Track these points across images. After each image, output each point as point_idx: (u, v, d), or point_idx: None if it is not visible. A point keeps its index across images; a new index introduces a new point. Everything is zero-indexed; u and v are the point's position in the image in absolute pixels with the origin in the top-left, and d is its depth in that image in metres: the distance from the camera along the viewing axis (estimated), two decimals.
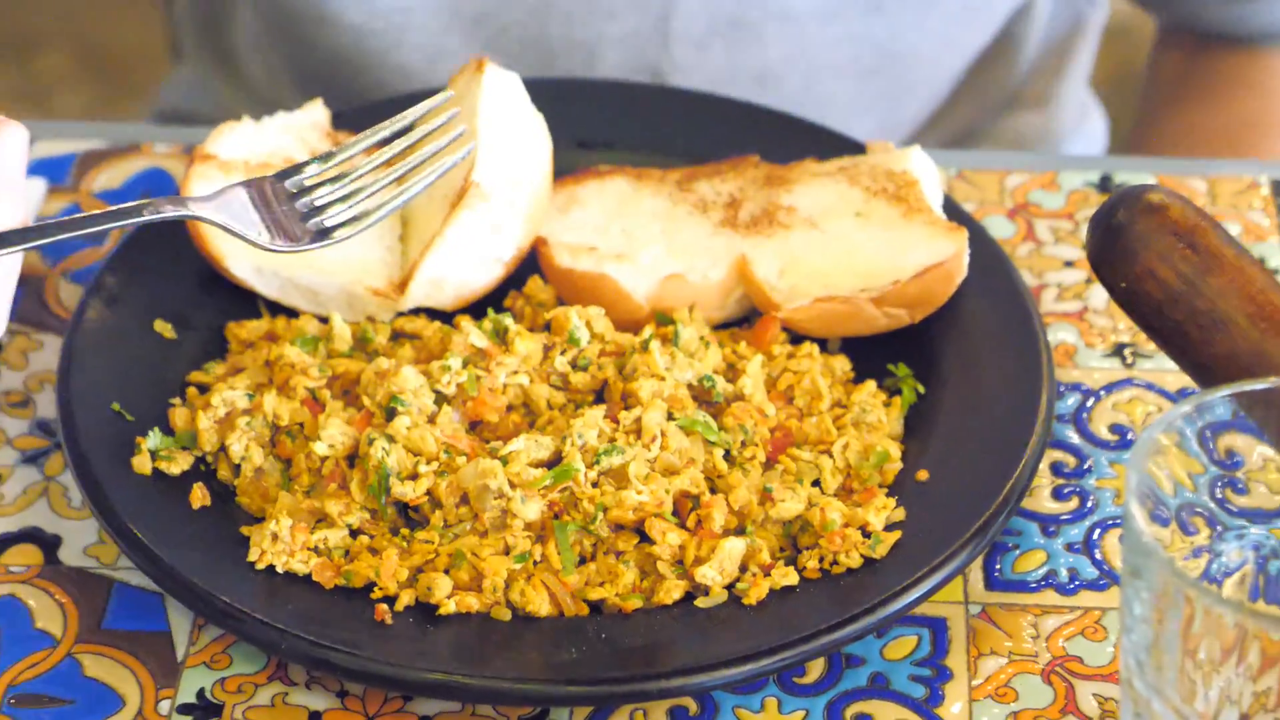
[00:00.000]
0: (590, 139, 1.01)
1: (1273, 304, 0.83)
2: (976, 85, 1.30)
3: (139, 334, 0.93)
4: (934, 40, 1.20)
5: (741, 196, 0.96)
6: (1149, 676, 0.70)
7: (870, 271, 0.92)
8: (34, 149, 1.06)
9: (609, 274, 0.93)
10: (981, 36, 1.26)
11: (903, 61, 1.20)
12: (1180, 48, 1.29)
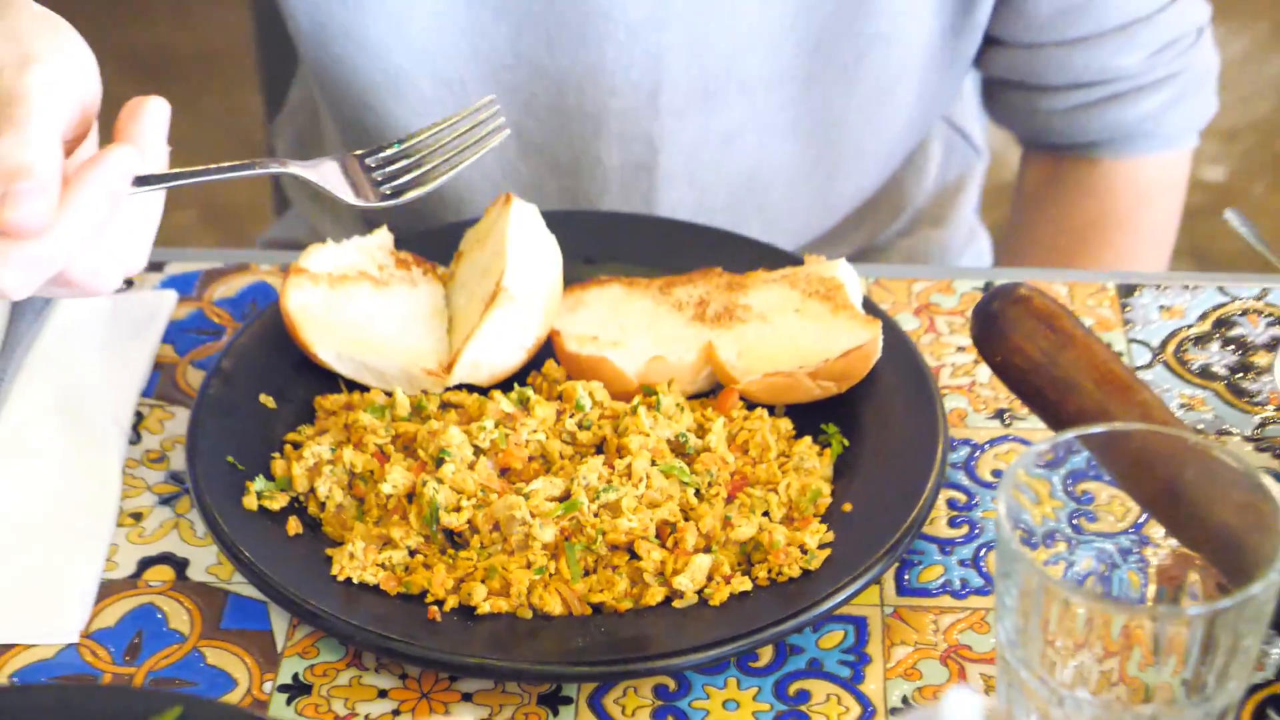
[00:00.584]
0: (592, 256, 1.03)
1: (1113, 372, 0.86)
2: (888, 201, 1.30)
3: (248, 405, 0.95)
4: (856, 114, 1.18)
5: (708, 298, 0.99)
6: (1018, 654, 0.73)
7: (807, 353, 0.94)
8: (167, 269, 1.12)
9: (607, 357, 0.95)
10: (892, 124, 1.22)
11: (835, 128, 1.19)
12: (1039, 161, 1.28)
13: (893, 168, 1.28)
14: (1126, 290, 1.06)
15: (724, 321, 0.97)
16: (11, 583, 0.90)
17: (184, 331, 1.04)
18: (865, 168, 1.24)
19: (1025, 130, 1.28)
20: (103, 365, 1.03)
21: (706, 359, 0.95)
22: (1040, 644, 0.72)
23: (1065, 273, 1.09)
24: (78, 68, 0.78)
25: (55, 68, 0.76)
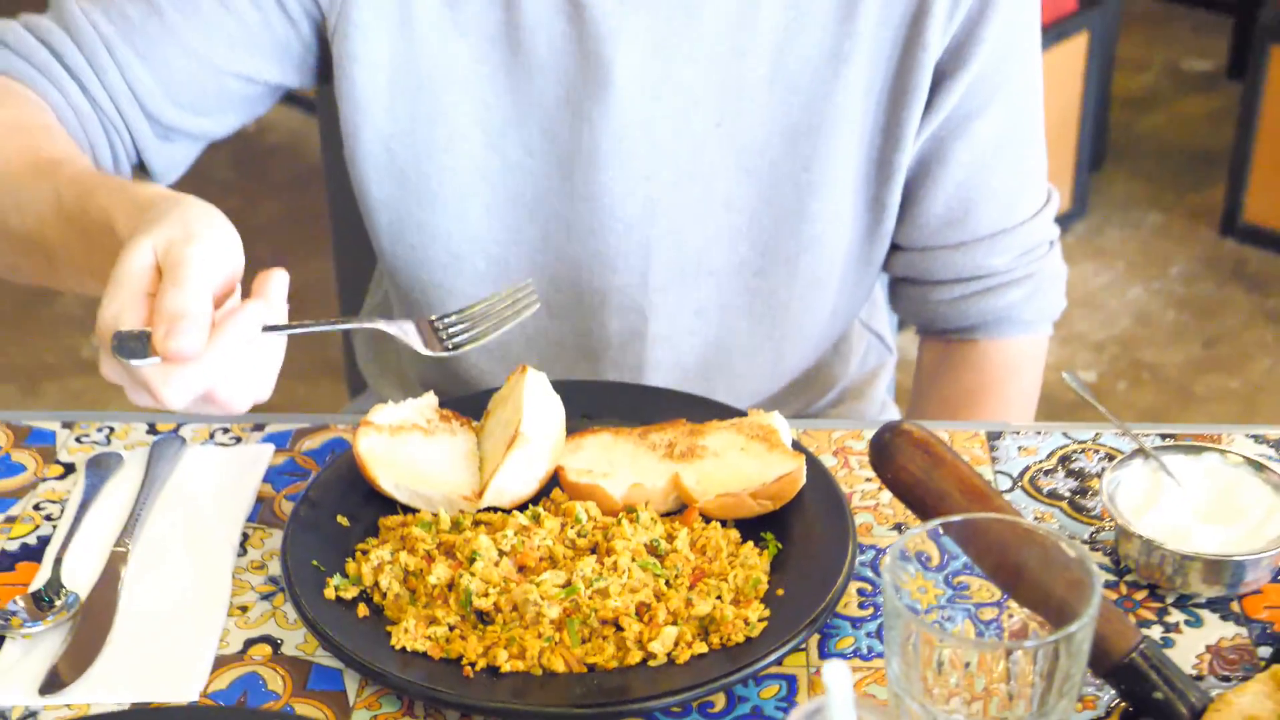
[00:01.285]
0: (590, 413, 1.04)
1: (974, 485, 0.87)
2: (821, 378, 1.29)
3: (328, 524, 0.96)
4: (796, 301, 1.17)
5: (675, 441, 1.00)
6: (903, 686, 0.74)
7: (749, 479, 0.96)
8: (268, 428, 1.09)
9: (599, 484, 0.96)
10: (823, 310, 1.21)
11: (780, 311, 1.17)
12: (931, 344, 1.27)
13: (823, 349, 1.26)
14: (994, 435, 1.07)
15: (687, 458, 0.99)
16: (150, 656, 0.90)
17: (279, 474, 1.05)
18: (803, 347, 1.23)
19: (921, 318, 1.26)
20: (218, 498, 1.03)
21: (674, 485, 0.97)
22: (919, 679, 0.73)
23: (946, 423, 1.10)
24: (227, 244, 0.81)
25: (210, 243, 0.80)
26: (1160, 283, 2.81)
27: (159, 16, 1.09)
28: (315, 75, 1.16)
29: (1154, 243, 2.92)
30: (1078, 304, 2.74)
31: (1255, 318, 2.71)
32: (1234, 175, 2.90)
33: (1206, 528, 0.93)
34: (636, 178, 1.13)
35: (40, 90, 1.08)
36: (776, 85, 1.11)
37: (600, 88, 1.10)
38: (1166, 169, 3.13)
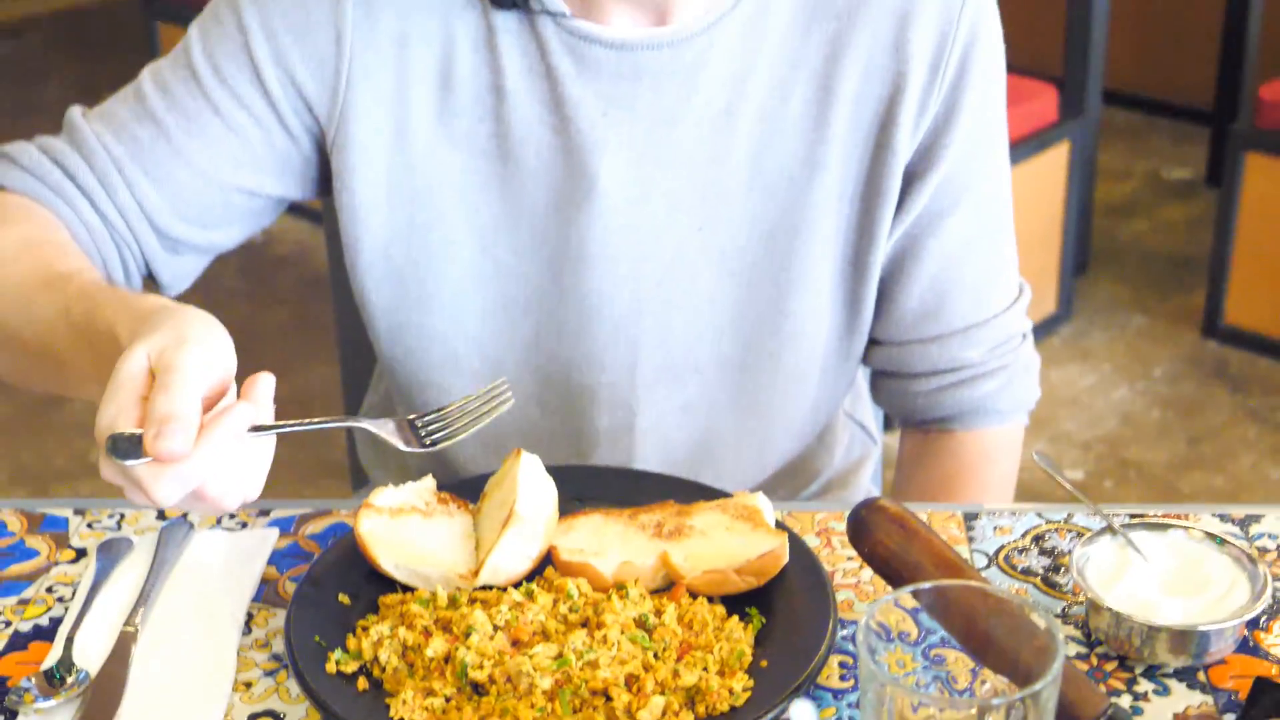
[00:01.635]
0: (582, 497, 1.05)
1: (946, 557, 0.90)
2: (805, 468, 1.29)
3: (330, 603, 0.97)
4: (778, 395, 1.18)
5: (664, 522, 1.01)
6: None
7: (734, 556, 0.97)
8: (273, 513, 1.10)
9: (590, 563, 0.97)
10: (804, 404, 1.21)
11: (763, 405, 1.18)
12: (911, 435, 1.28)
13: (807, 440, 1.27)
14: (970, 516, 1.09)
15: (674, 537, 1.00)
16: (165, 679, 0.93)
17: (284, 557, 1.06)
18: (787, 438, 1.24)
19: (900, 410, 1.28)
20: (224, 580, 1.04)
21: (662, 563, 0.97)
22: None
23: (926, 505, 1.11)
24: (218, 349, 0.84)
25: (201, 348, 0.82)
26: (1145, 383, 2.84)
27: (166, 137, 1.12)
28: (316, 187, 1.19)
29: (1138, 345, 2.95)
30: (1065, 404, 2.77)
31: (1238, 416, 2.74)
32: (1214, 279, 2.93)
33: (1172, 600, 0.94)
34: (623, 279, 1.15)
35: (54, 208, 1.11)
36: (754, 190, 1.13)
37: (586, 194, 1.12)
38: (1149, 273, 3.18)
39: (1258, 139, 2.78)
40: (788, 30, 1.11)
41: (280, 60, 1.11)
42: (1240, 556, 0.96)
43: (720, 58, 1.10)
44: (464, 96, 1.12)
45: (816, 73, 1.11)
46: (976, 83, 1.13)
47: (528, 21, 1.10)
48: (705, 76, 1.10)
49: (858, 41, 1.10)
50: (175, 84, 1.13)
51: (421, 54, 1.11)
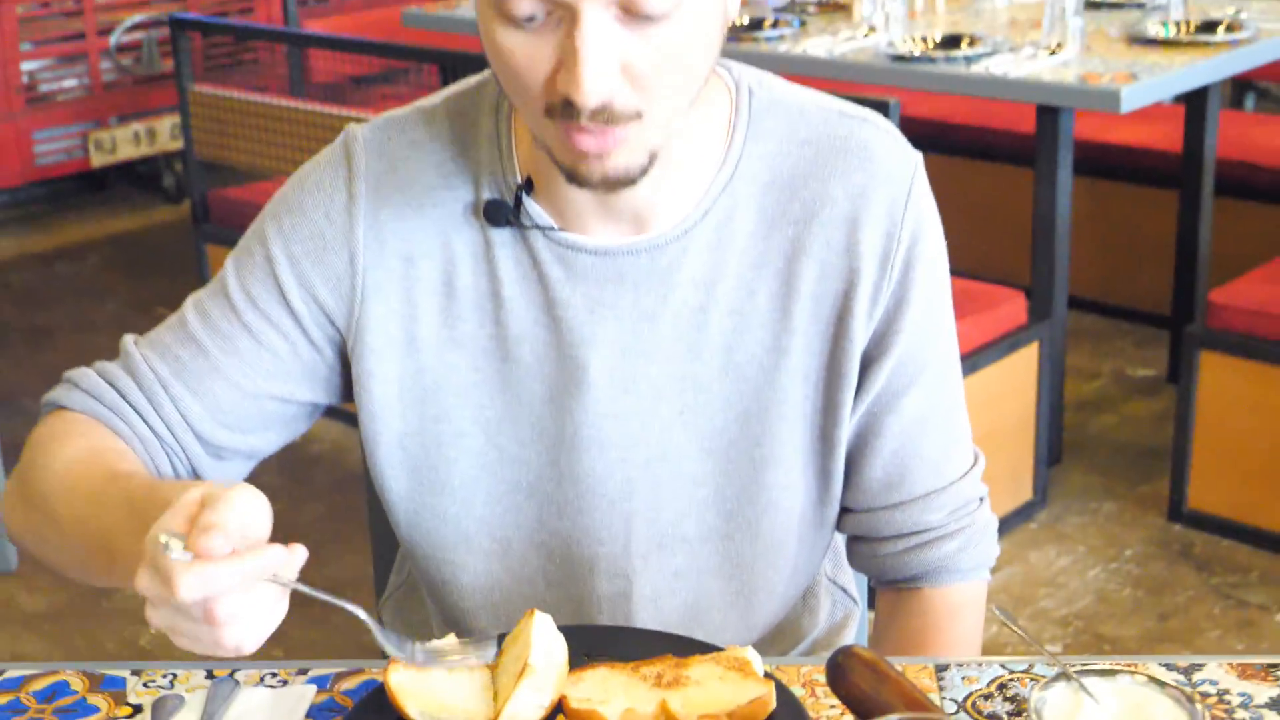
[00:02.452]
0: (590, 653, 1.06)
1: (915, 698, 0.93)
2: (792, 630, 1.31)
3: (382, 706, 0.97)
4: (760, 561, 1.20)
5: (664, 673, 1.02)
6: None
7: (727, 702, 0.98)
8: (311, 672, 1.12)
9: (598, 710, 0.98)
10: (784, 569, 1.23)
11: (746, 571, 1.19)
12: (885, 594, 1.28)
13: (791, 603, 1.29)
14: (941, 667, 1.11)
15: (673, 686, 1.01)
16: None
17: (320, 710, 1.08)
18: (771, 602, 1.25)
19: (872, 571, 1.29)
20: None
21: (662, 710, 0.98)
22: None
23: (901, 659, 1.11)
24: (259, 505, 0.91)
25: (245, 495, 0.90)
26: (1116, 564, 2.85)
27: (205, 356, 1.18)
28: (341, 392, 1.23)
29: (1109, 529, 2.96)
30: (1043, 584, 2.79)
31: (1203, 594, 2.75)
32: (1176, 468, 2.95)
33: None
34: (614, 462, 1.17)
35: (112, 424, 1.17)
36: (727, 377, 1.16)
37: (578, 386, 1.16)
38: (1117, 463, 3.20)
39: (1211, 339, 2.83)
40: (752, 235, 1.15)
41: (303, 283, 1.17)
42: (1180, 698, 0.98)
43: (692, 261, 1.15)
44: (466, 303, 1.17)
45: (779, 271, 1.15)
46: (921, 276, 1.17)
47: (520, 235, 1.16)
48: (680, 278, 1.15)
49: (814, 244, 1.15)
50: (213, 309, 1.19)
51: (426, 268, 1.17)
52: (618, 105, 1.01)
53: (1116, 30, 3.16)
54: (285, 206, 1.19)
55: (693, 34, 1.01)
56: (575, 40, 0.97)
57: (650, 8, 0.97)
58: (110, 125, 4.77)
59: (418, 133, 1.19)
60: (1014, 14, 3.33)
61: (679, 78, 1.02)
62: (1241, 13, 3.25)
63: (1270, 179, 3.54)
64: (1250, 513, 2.88)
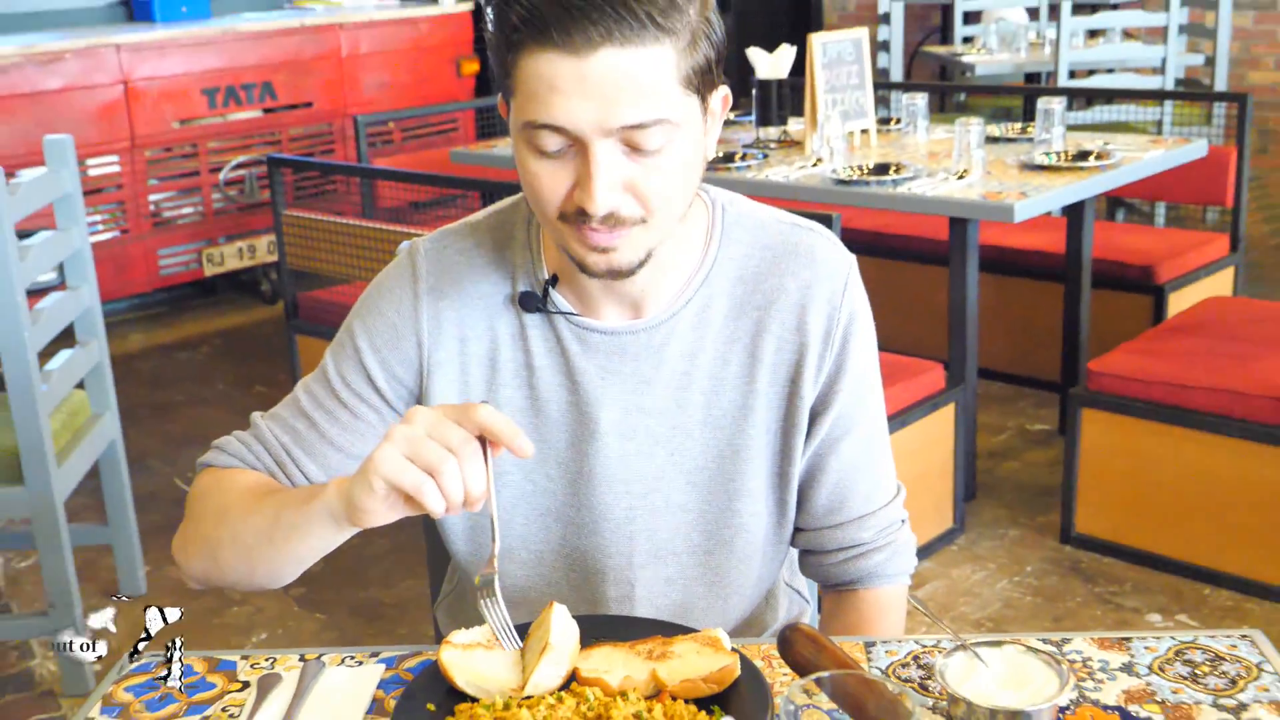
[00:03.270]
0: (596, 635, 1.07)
1: (844, 662, 0.95)
2: (758, 622, 1.31)
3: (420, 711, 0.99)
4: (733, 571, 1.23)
5: (654, 649, 1.04)
6: None
7: (702, 670, 1.00)
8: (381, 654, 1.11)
9: (602, 678, 1.00)
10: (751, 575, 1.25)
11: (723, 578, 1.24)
12: (829, 595, 1.28)
13: (756, 603, 1.30)
14: (869, 644, 1.13)
15: (661, 659, 1.03)
16: None
17: (388, 683, 1.09)
18: (741, 602, 1.27)
19: (819, 577, 1.30)
20: (346, 700, 1.07)
21: (653, 677, 1.00)
22: None
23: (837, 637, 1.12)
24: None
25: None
26: (1019, 578, 2.84)
27: (315, 428, 1.21)
28: None
29: (1014, 550, 2.96)
30: (962, 594, 2.80)
31: (1088, 600, 2.75)
32: (1066, 502, 2.96)
33: (1006, 692, 0.99)
34: (619, 493, 1.20)
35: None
36: (707, 428, 1.19)
37: (592, 435, 1.19)
38: (1020, 499, 3.20)
39: (1091, 399, 2.85)
40: (725, 318, 1.18)
41: (384, 365, 1.20)
42: (1051, 661, 1.01)
43: (679, 338, 1.18)
44: (506, 373, 1.20)
45: (746, 346, 1.18)
46: (855, 349, 1.20)
47: (547, 319, 1.19)
48: (669, 351, 1.18)
49: (772, 324, 1.18)
50: (318, 392, 1.23)
51: (475, 346, 1.20)
52: (623, 213, 1.05)
53: (1011, 159, 3.20)
54: (366, 308, 1.21)
55: (679, 164, 1.04)
56: (589, 166, 1.01)
57: (646, 145, 1.01)
58: (219, 243, 4.82)
59: (466, 242, 1.23)
60: (931, 147, 3.39)
61: (671, 194, 1.05)
62: (1109, 144, 3.31)
63: (1135, 274, 3.57)
64: (1126, 535, 2.89)
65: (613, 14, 0.94)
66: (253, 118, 4.83)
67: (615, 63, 0.95)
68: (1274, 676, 1.06)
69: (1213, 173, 3.61)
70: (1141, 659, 1.08)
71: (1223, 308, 3.20)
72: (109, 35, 4.34)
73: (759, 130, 3.56)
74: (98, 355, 2.67)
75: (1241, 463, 2.67)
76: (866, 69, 3.39)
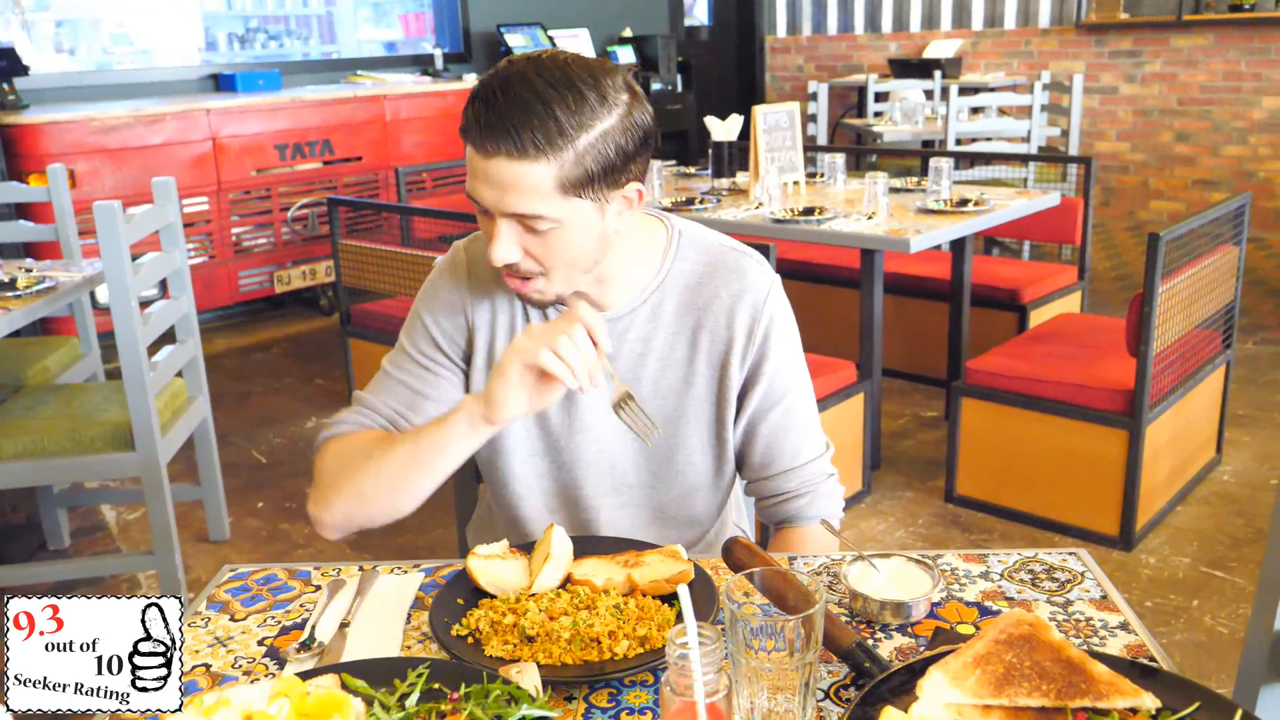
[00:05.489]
0: (586, 552, 1.07)
1: (770, 563, 0.95)
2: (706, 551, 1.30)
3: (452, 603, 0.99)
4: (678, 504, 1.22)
5: (629, 560, 1.05)
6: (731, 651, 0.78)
7: (665, 574, 1.01)
8: (421, 565, 1.11)
9: (590, 579, 1.01)
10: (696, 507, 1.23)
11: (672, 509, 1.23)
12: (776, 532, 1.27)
13: (704, 534, 1.29)
14: (792, 559, 1.13)
15: (634, 566, 1.04)
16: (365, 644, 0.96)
17: (426, 586, 1.10)
18: (689, 533, 1.27)
19: (764, 518, 1.28)
20: (395, 598, 1.07)
21: (628, 580, 1.01)
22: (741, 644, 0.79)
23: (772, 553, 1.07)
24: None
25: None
26: (913, 529, 2.84)
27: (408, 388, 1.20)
28: None
29: (909, 507, 2.95)
30: (868, 541, 2.78)
31: (965, 545, 2.74)
32: (949, 470, 2.97)
33: (892, 589, 1.02)
34: (591, 441, 1.20)
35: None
36: (656, 396, 1.19)
37: (571, 395, 1.19)
38: (915, 468, 3.19)
39: (968, 390, 2.87)
40: (672, 316, 1.19)
41: (444, 333, 1.21)
42: (927, 568, 1.05)
43: (636, 328, 1.18)
44: None
45: (688, 337, 1.19)
46: (775, 343, 1.19)
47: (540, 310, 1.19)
48: (629, 336, 1.18)
49: (709, 321, 1.18)
50: (401, 361, 1.22)
51: (500, 321, 1.21)
52: (522, 267, 1.06)
53: (910, 204, 3.22)
54: (428, 294, 1.23)
55: (572, 240, 1.04)
56: (493, 232, 1.04)
57: (536, 228, 1.03)
58: (287, 267, 4.77)
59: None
60: (848, 195, 3.42)
61: (566, 261, 1.06)
62: (985, 195, 3.36)
63: (1004, 295, 3.60)
64: (995, 495, 2.91)
65: (506, 135, 0.98)
66: (314, 168, 4.72)
67: (504, 168, 0.99)
68: (1094, 582, 1.10)
69: (1065, 218, 3.65)
70: (995, 569, 1.10)
71: (1071, 322, 3.24)
72: (201, 101, 4.33)
73: (714, 180, 3.61)
74: (193, 351, 2.68)
75: (1083, 439, 2.71)
76: (798, 134, 3.44)
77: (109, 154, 4.10)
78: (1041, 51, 6.35)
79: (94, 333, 2.97)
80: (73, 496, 2.79)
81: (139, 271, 2.33)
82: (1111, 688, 0.76)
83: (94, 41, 4.98)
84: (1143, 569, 2.58)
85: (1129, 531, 2.67)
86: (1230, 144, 5.79)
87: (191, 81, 4.94)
